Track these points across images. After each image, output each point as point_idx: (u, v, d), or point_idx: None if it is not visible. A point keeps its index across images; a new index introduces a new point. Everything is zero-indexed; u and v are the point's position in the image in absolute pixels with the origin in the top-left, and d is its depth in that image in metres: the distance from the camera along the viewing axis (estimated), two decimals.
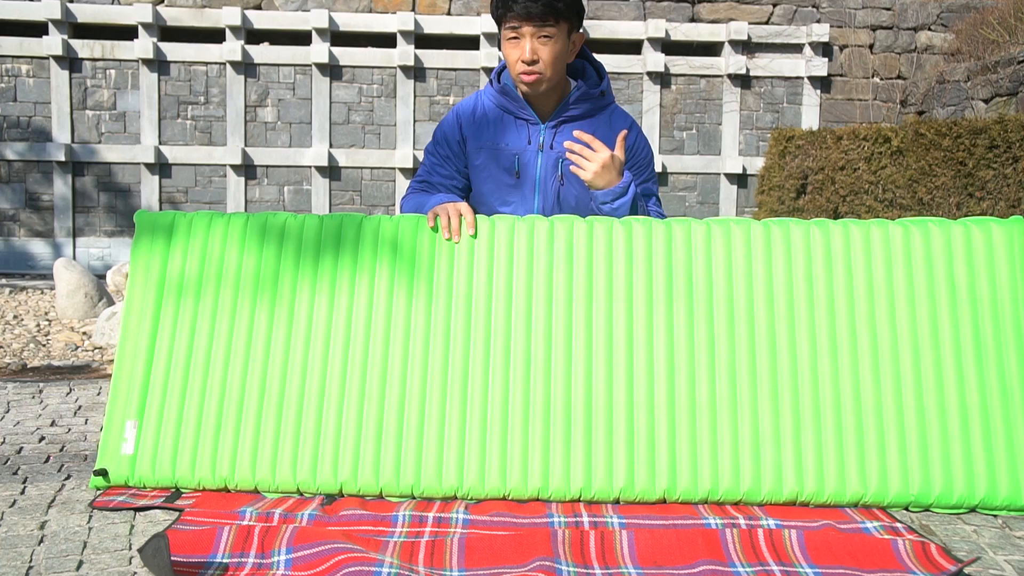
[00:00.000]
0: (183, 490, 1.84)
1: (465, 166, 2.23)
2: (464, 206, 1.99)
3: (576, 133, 2.05)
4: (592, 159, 2.03)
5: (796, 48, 8.99)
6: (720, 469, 1.79)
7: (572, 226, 1.95)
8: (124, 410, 1.88)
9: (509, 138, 2.18)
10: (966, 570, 1.50)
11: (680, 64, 8.87)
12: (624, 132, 2.10)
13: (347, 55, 8.67)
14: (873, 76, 9.03)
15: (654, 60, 8.76)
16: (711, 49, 9.01)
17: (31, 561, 1.51)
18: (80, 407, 2.66)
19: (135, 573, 1.47)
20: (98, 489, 1.86)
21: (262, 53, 8.62)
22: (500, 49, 2.16)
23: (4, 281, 7.44)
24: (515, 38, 2.06)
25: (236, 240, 1.98)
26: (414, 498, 1.81)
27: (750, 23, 8.90)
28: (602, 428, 1.82)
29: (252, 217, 2.00)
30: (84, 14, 8.41)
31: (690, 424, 1.82)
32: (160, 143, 8.64)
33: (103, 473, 1.84)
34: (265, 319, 1.92)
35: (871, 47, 9.07)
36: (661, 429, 1.82)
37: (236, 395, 1.87)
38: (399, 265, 1.94)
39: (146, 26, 8.44)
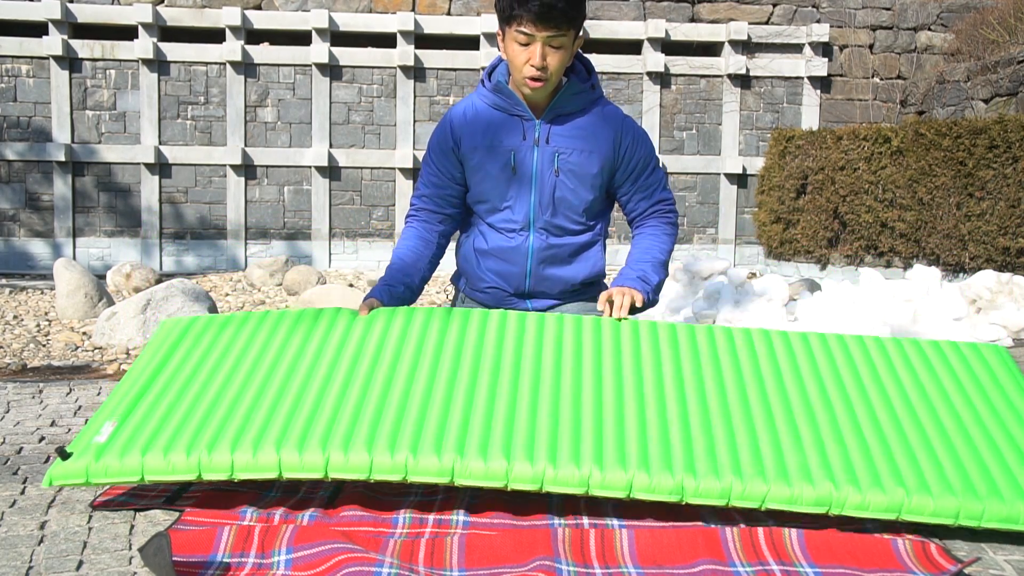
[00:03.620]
0: (148, 479, 1.69)
1: (458, 170, 2.25)
2: (370, 302, 2.10)
3: (603, 318, 2.07)
4: (624, 307, 2.07)
5: (796, 48, 8.99)
6: (720, 471, 1.79)
7: (580, 323, 2.02)
8: (110, 415, 1.82)
9: (503, 135, 2.20)
10: (966, 570, 1.50)
11: (680, 64, 8.86)
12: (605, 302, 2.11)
13: (347, 55, 8.66)
14: (873, 76, 9.03)
15: (654, 60, 8.76)
16: (711, 49, 9.01)
17: (31, 561, 1.51)
18: (80, 407, 2.66)
19: (135, 573, 1.47)
20: (52, 482, 1.71)
21: (262, 53, 8.62)
22: (500, 46, 2.15)
23: (4, 281, 7.44)
24: (526, 43, 2.07)
25: (251, 331, 2.02)
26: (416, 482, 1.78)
27: (750, 23, 8.89)
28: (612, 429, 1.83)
29: (268, 314, 2.05)
30: (84, 14, 8.40)
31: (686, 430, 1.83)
32: (160, 143, 8.63)
33: (66, 455, 1.69)
34: (278, 343, 1.97)
35: (871, 47, 9.06)
36: (674, 432, 1.82)
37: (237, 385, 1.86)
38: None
39: (146, 26, 8.43)
